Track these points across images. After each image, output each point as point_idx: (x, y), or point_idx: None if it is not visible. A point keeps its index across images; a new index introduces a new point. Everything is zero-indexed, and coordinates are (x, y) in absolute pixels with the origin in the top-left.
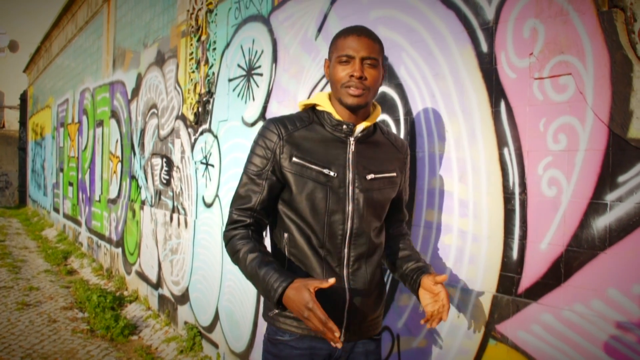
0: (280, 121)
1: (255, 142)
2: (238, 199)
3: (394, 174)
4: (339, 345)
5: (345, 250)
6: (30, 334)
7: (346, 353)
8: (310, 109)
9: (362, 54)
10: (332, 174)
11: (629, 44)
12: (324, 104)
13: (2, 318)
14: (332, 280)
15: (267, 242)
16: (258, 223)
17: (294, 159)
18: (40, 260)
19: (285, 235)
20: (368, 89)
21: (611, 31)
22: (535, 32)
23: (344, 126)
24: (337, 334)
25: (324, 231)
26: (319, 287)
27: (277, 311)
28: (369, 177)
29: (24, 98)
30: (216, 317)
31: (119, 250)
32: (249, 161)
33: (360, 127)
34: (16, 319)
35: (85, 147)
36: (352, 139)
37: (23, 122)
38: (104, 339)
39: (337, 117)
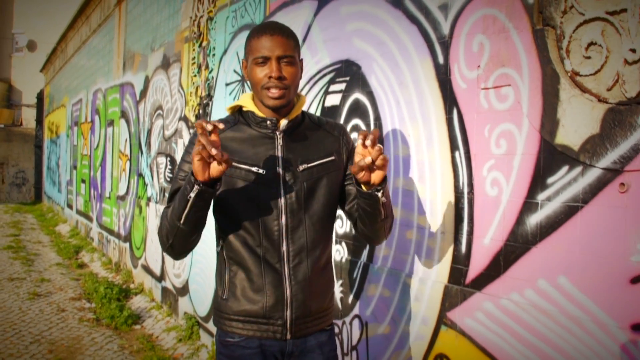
0: None
1: (185, 149)
2: (168, 202)
3: (332, 157)
4: (221, 126)
5: (284, 245)
6: (40, 321)
7: (298, 348)
8: (237, 111)
9: (278, 53)
10: (261, 171)
11: (558, 58)
12: (247, 104)
13: (14, 307)
14: (211, 124)
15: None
16: None
17: None
18: (52, 254)
19: (221, 241)
20: (288, 88)
21: (543, 47)
22: (482, 46)
23: (268, 122)
24: (209, 126)
25: (259, 229)
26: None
27: (199, 189)
28: (301, 168)
29: (40, 97)
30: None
31: (127, 244)
32: (179, 167)
33: (284, 122)
34: (27, 308)
35: (97, 146)
36: (278, 133)
37: (39, 121)
38: (108, 327)
39: (260, 114)
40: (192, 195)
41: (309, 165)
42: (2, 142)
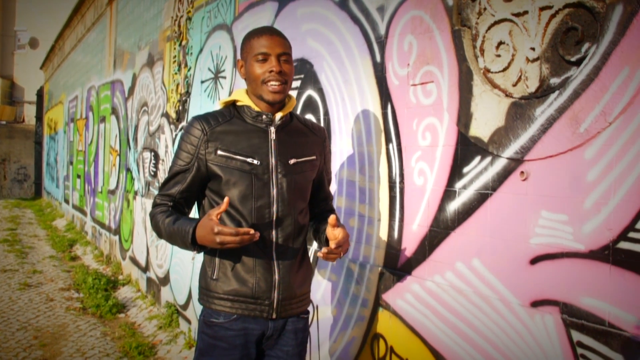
0: (204, 118)
1: (182, 139)
2: (163, 188)
3: (314, 157)
4: (257, 236)
5: (273, 232)
6: (28, 310)
7: (277, 331)
8: (231, 105)
9: (278, 51)
10: (255, 162)
11: (473, 57)
12: (243, 99)
13: (5, 296)
14: (226, 201)
15: None
16: (177, 208)
17: (219, 151)
18: (47, 247)
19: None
20: (286, 83)
21: (460, 46)
22: (411, 45)
23: (264, 116)
24: (251, 232)
25: (252, 216)
26: (220, 212)
27: (196, 253)
28: (292, 161)
29: (40, 94)
30: (189, 296)
31: (117, 237)
32: (176, 156)
33: (279, 116)
34: (17, 297)
35: (91, 142)
36: (272, 127)
37: (39, 117)
38: (94, 315)
39: (256, 108)
40: (187, 249)
41: (298, 160)
42: (4, 139)
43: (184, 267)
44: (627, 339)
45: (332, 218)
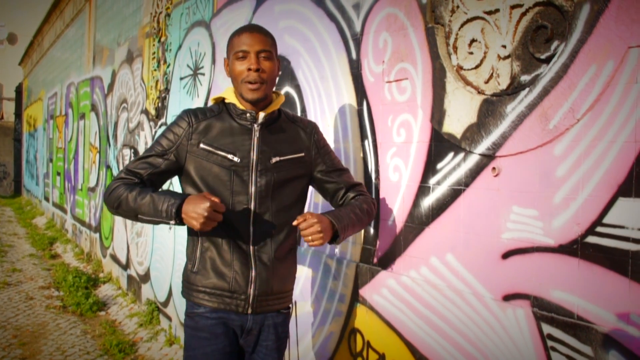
0: (193, 111)
1: (168, 127)
2: (132, 164)
3: (302, 154)
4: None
5: (251, 228)
6: (7, 309)
7: (257, 325)
8: (221, 102)
9: (257, 48)
10: (236, 159)
11: (446, 54)
12: (230, 97)
13: None
14: (223, 208)
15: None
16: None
17: (202, 145)
18: (27, 245)
19: None
20: (265, 82)
21: (434, 43)
22: (386, 43)
23: (247, 114)
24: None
25: (230, 211)
26: (216, 201)
27: (174, 224)
28: (274, 160)
29: (19, 90)
30: (170, 293)
31: (97, 235)
32: (157, 141)
33: (262, 114)
34: None
35: (71, 139)
36: (256, 126)
37: (18, 114)
38: (74, 314)
39: (241, 106)
40: (164, 221)
41: (281, 158)
42: None
43: (164, 264)
44: (594, 331)
45: (295, 222)
